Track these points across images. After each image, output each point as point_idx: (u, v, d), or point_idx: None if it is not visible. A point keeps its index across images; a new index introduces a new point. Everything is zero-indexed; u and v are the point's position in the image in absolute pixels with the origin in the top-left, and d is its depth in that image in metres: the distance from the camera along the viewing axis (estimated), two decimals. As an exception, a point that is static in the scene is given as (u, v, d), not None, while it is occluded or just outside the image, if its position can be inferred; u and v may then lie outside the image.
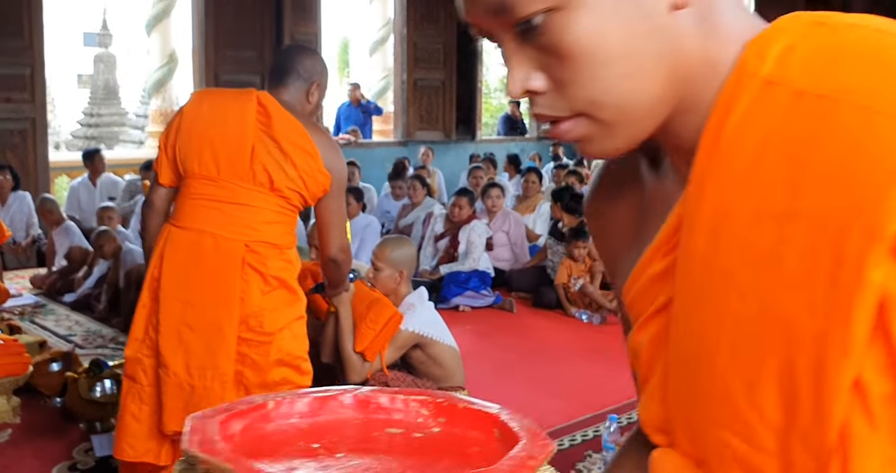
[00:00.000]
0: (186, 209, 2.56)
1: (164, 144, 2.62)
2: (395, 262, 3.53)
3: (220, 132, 2.54)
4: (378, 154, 10.70)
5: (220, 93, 2.80)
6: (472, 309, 6.05)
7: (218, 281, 2.48)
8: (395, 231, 7.53)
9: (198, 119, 2.58)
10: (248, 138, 2.51)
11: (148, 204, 2.70)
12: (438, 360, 3.52)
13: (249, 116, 2.54)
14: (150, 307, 2.56)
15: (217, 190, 2.53)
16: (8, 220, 7.16)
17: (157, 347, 2.50)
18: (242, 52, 9.40)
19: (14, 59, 7.73)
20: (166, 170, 2.62)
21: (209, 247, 2.49)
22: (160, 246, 2.56)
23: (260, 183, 2.52)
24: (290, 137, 2.55)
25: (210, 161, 2.53)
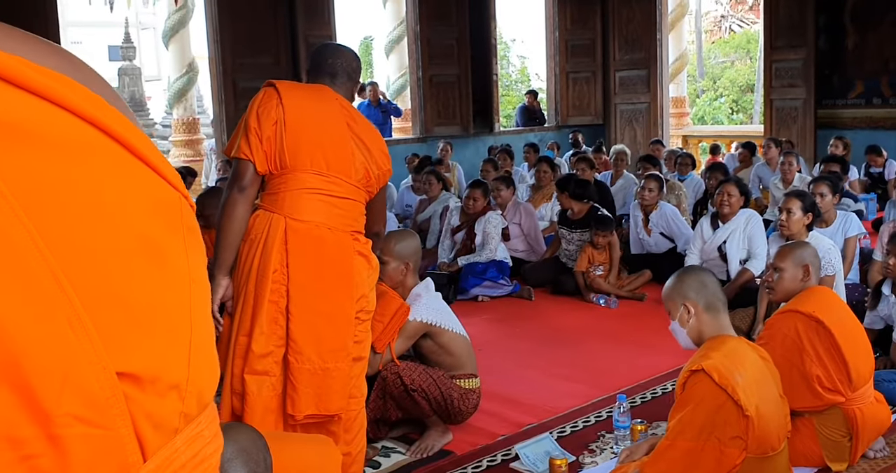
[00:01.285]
0: (303, 203, 2.67)
1: (261, 135, 2.64)
2: (399, 254, 3.59)
3: (328, 131, 2.71)
4: (397, 150, 10.75)
5: (306, 91, 2.82)
6: (491, 298, 6.10)
7: (338, 269, 2.68)
8: (414, 226, 7.60)
9: (303, 115, 2.69)
10: (348, 139, 2.73)
11: (240, 189, 2.65)
12: (448, 348, 3.58)
13: (341, 116, 2.75)
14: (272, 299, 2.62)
15: (328, 184, 2.70)
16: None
17: (290, 336, 2.63)
18: (259, 58, 9.51)
19: (36, 78, 7.92)
20: (263, 160, 2.66)
21: (328, 239, 2.68)
22: (279, 239, 2.63)
23: (357, 179, 2.75)
24: (371, 138, 2.81)
25: (321, 157, 2.69)
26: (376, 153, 2.81)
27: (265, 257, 2.64)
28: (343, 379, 2.69)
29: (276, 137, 2.66)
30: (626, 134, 12.32)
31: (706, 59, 26.75)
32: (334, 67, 2.86)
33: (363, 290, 2.75)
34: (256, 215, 2.71)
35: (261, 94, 2.73)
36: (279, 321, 2.65)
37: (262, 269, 2.64)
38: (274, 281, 2.63)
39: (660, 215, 6.44)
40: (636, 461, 2.94)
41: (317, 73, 2.86)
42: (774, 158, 8.67)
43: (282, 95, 2.69)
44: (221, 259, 2.69)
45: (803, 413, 3.02)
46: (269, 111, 2.67)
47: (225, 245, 2.68)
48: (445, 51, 11.26)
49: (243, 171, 2.68)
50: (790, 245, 3.50)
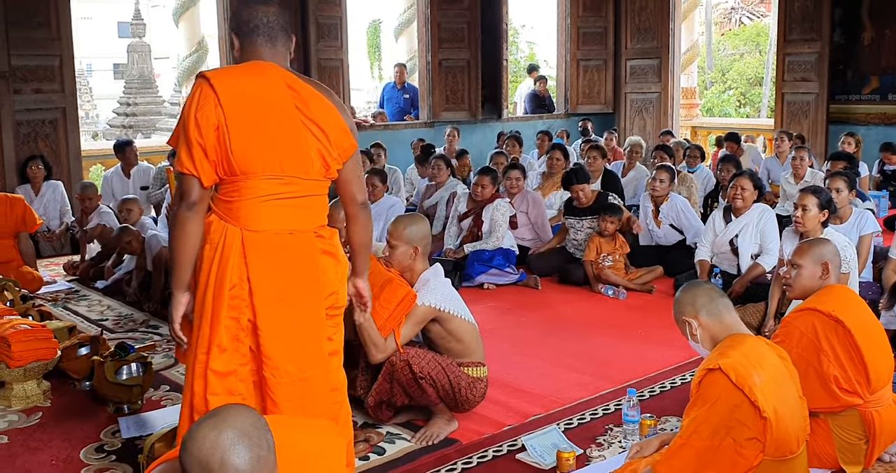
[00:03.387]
0: (257, 211, 2.50)
1: (204, 145, 2.43)
2: (409, 239, 3.53)
3: (277, 127, 2.48)
4: (404, 135, 10.70)
5: (245, 77, 2.53)
6: (497, 286, 6.05)
7: (304, 274, 2.54)
8: (420, 211, 7.53)
9: (247, 114, 2.45)
10: (300, 130, 2.52)
11: (189, 207, 2.47)
12: (456, 335, 3.53)
13: (291, 105, 2.51)
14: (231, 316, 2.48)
15: (284, 187, 2.51)
16: (41, 209, 7.32)
17: (262, 352, 2.49)
18: (268, 37, 9.41)
19: (43, 51, 7.85)
20: (209, 171, 2.46)
21: (290, 245, 2.52)
22: (236, 252, 2.47)
23: (318, 171, 2.57)
24: (325, 118, 2.56)
25: (274, 160, 2.48)
26: (334, 134, 2.56)
27: (221, 272, 2.48)
28: (323, 383, 2.60)
29: (220, 144, 2.44)
30: (635, 123, 12.24)
31: (715, 51, 26.62)
32: (270, 26, 2.58)
33: (333, 288, 2.62)
34: (210, 221, 2.53)
35: (195, 93, 2.47)
36: (241, 337, 2.51)
37: (218, 284, 2.49)
38: (232, 296, 2.48)
39: (670, 207, 6.38)
40: (646, 457, 2.89)
41: (251, 34, 2.58)
42: (785, 152, 8.59)
43: (219, 93, 2.44)
44: (177, 276, 2.54)
45: (818, 414, 2.96)
46: (209, 116, 2.43)
47: (180, 263, 2.52)
48: (455, 35, 11.15)
49: (189, 188, 2.48)
50: (810, 241, 3.43)
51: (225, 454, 1.68)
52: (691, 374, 4.10)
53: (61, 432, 3.60)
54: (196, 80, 2.52)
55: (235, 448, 1.69)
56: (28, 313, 4.55)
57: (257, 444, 1.71)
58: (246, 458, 1.69)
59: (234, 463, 1.68)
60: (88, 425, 3.67)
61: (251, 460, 1.69)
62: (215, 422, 1.73)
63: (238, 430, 1.71)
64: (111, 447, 3.45)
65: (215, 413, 1.77)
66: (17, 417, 3.77)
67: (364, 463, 3.25)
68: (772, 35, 20.29)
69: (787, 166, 7.94)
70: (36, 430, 3.64)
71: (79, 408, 3.87)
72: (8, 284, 4.93)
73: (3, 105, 7.64)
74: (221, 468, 1.67)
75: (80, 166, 8.34)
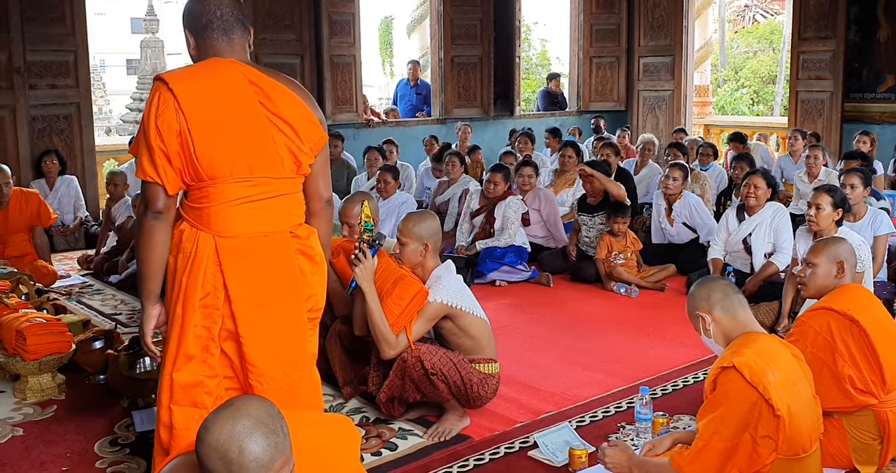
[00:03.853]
0: (229, 216, 2.41)
1: (167, 152, 2.34)
2: (419, 235, 3.53)
3: (242, 128, 2.39)
4: (416, 132, 10.70)
5: (204, 77, 2.43)
6: (509, 283, 6.04)
7: (281, 276, 2.47)
8: (432, 207, 7.54)
9: (209, 117, 2.36)
10: (266, 128, 2.43)
11: (154, 216, 2.39)
12: (468, 331, 3.53)
13: (254, 102, 2.42)
14: (203, 325, 2.42)
15: (254, 189, 2.43)
16: (56, 203, 7.37)
17: (247, 360, 2.43)
18: (282, 34, 9.44)
19: (57, 46, 7.89)
20: (173, 179, 2.38)
21: (264, 248, 2.45)
22: (209, 259, 2.40)
23: (289, 168, 2.49)
24: (292, 112, 2.46)
25: (242, 162, 2.39)
26: (302, 128, 2.47)
27: (192, 280, 2.40)
28: (309, 385, 2.56)
29: (184, 151, 2.35)
30: (648, 121, 12.19)
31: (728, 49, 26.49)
32: (225, 18, 2.47)
33: (311, 289, 2.55)
34: (182, 229, 2.45)
35: (154, 98, 2.36)
36: (210, 348, 2.43)
37: (189, 293, 2.40)
38: (205, 305, 2.40)
39: (683, 205, 6.36)
40: (659, 455, 2.89)
41: (205, 30, 2.47)
42: (799, 151, 8.54)
43: (178, 97, 2.34)
44: (147, 289, 2.47)
45: (833, 414, 2.95)
46: (170, 122, 2.33)
47: (149, 275, 2.44)
48: (468, 31, 11.15)
49: (154, 196, 2.39)
50: (825, 240, 3.42)
51: (243, 442, 1.70)
52: (704, 373, 4.09)
53: (76, 425, 3.63)
54: (154, 84, 2.40)
55: (253, 436, 1.71)
56: (43, 307, 4.58)
57: (273, 431, 1.74)
58: (263, 445, 1.71)
59: (253, 451, 1.70)
60: (103, 418, 3.69)
61: (269, 447, 1.72)
62: (230, 413, 1.75)
63: (254, 419, 1.73)
64: (125, 440, 3.47)
65: (230, 404, 1.79)
66: (32, 410, 3.80)
67: (376, 459, 3.26)
68: (786, 32, 20.18)
69: (801, 165, 7.89)
70: (51, 423, 3.67)
71: (93, 402, 3.89)
72: (23, 278, 4.96)
73: (19, 100, 7.69)
74: (240, 456, 1.69)
75: (94, 161, 8.39)
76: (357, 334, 3.67)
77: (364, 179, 7.87)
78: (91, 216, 7.97)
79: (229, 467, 1.69)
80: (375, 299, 3.34)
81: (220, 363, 2.46)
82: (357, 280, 3.33)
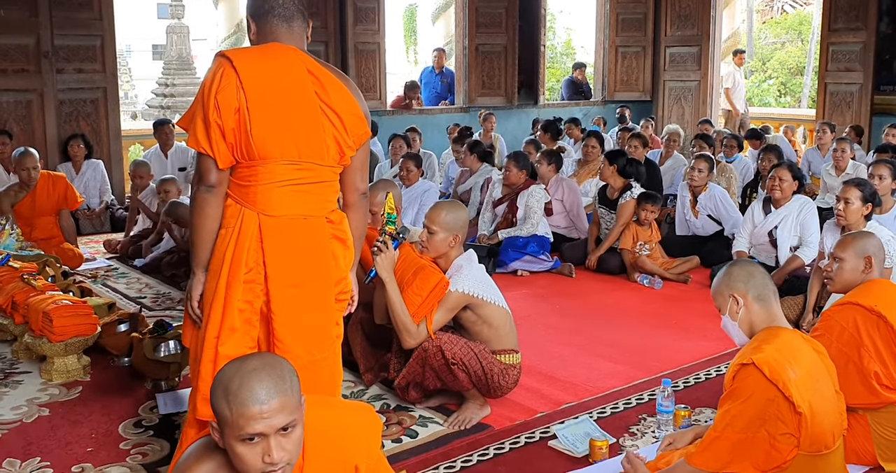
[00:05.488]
0: (275, 196, 2.49)
1: (223, 127, 2.41)
2: (449, 226, 3.52)
3: (297, 113, 2.47)
4: (440, 120, 10.68)
5: (267, 60, 2.49)
6: (531, 273, 6.03)
7: (317, 258, 2.55)
8: (454, 197, 7.53)
9: (268, 99, 2.43)
10: (319, 116, 2.50)
11: (208, 189, 2.47)
12: (489, 321, 3.51)
13: (310, 90, 2.50)
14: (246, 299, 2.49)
15: (300, 172, 2.50)
16: (82, 187, 7.44)
17: (276, 336, 2.50)
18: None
19: (85, 31, 7.94)
20: (225, 154, 2.45)
21: (304, 230, 2.52)
22: (253, 237, 2.47)
23: (332, 157, 2.56)
24: (343, 105, 2.55)
25: (292, 145, 2.47)
26: (349, 120, 2.55)
27: (237, 256, 2.48)
28: (330, 367, 2.62)
29: (239, 128, 2.42)
30: (673, 111, 12.10)
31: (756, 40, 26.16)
32: (286, 5, 2.54)
33: (342, 273, 2.64)
34: (228, 204, 2.52)
35: (217, 73, 2.42)
36: (253, 321, 2.52)
37: (234, 268, 2.48)
38: (248, 280, 2.48)
39: (708, 197, 6.31)
40: (679, 449, 2.88)
41: (266, 15, 2.54)
42: (827, 144, 8.43)
43: (241, 76, 2.40)
44: (198, 256, 2.55)
45: (858, 410, 2.92)
46: (230, 98, 2.40)
47: (200, 243, 2.53)
48: (493, 19, 11.10)
49: (207, 169, 2.47)
50: (853, 234, 3.37)
51: (244, 377, 1.80)
52: (726, 366, 4.06)
53: (101, 406, 3.67)
54: (216, 60, 2.46)
55: (256, 374, 1.80)
56: (69, 289, 4.63)
57: (280, 378, 1.81)
58: (264, 384, 1.79)
59: (252, 386, 1.78)
60: (127, 400, 3.73)
61: (268, 387, 1.79)
62: (246, 356, 1.91)
63: (263, 363, 1.84)
64: (149, 422, 3.50)
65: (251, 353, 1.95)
66: (58, 391, 3.85)
67: (397, 446, 3.27)
68: (815, 23, 19.90)
69: (829, 158, 7.80)
70: (76, 404, 3.71)
71: (118, 384, 3.93)
72: (50, 260, 5.02)
73: (46, 84, 7.76)
74: (238, 388, 1.78)
75: (119, 146, 8.45)
76: (377, 322, 3.68)
77: (388, 167, 7.88)
78: (117, 200, 8.04)
79: (227, 397, 1.78)
80: (396, 289, 3.35)
81: (258, 336, 2.56)
82: (377, 269, 3.33)
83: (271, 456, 1.78)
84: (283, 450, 1.80)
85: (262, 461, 1.78)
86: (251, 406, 1.76)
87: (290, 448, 1.82)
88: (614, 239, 6.05)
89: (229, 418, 1.78)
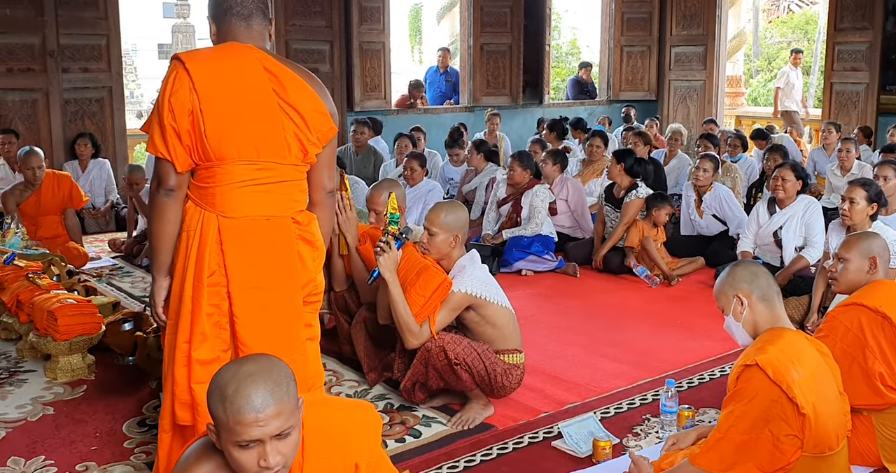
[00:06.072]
0: (234, 197, 2.46)
1: (178, 130, 2.39)
2: (449, 227, 3.52)
3: (253, 112, 2.43)
4: (444, 119, 10.68)
5: (221, 60, 2.47)
6: (535, 273, 6.03)
7: (281, 260, 2.51)
8: (459, 196, 7.53)
9: (222, 99, 2.41)
10: (277, 114, 2.46)
11: (167, 193, 2.46)
12: (492, 321, 3.51)
13: (267, 88, 2.46)
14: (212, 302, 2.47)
15: (260, 172, 2.47)
16: (87, 186, 7.46)
17: (238, 339, 2.48)
18: (312, 20, 9.46)
19: (90, 30, 7.97)
20: (183, 157, 2.43)
21: (266, 231, 2.49)
22: (213, 239, 2.45)
23: (294, 156, 2.52)
24: (304, 102, 2.50)
25: (249, 145, 2.44)
26: (311, 117, 2.51)
27: (199, 260, 2.45)
28: (300, 370, 2.53)
29: (195, 130, 2.39)
30: (679, 111, 12.07)
31: (762, 39, 26.11)
32: (244, 4, 2.51)
33: (310, 275, 2.60)
34: (188, 207, 2.50)
35: (170, 77, 2.42)
36: (222, 324, 2.49)
37: (197, 272, 2.46)
38: (211, 284, 2.46)
39: (713, 197, 6.29)
40: (683, 450, 2.87)
41: (224, 15, 2.51)
42: (833, 143, 8.41)
43: (193, 78, 2.38)
44: (159, 261, 2.55)
45: (862, 411, 2.91)
46: (183, 100, 2.38)
47: (161, 248, 2.52)
48: (498, 19, 11.09)
49: (165, 174, 2.45)
50: (858, 235, 3.36)
51: (241, 383, 1.79)
52: (731, 366, 4.03)
53: (105, 405, 3.68)
54: (171, 63, 2.44)
55: (252, 380, 1.79)
56: (74, 288, 4.65)
57: (277, 384, 1.81)
58: (260, 390, 1.79)
59: (248, 393, 1.78)
60: (131, 399, 3.74)
61: (264, 393, 1.79)
62: (243, 359, 1.90)
63: (260, 367, 1.83)
64: (153, 421, 3.50)
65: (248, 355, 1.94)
66: (62, 389, 3.86)
67: (400, 445, 3.27)
68: (821, 23, 19.85)
69: (834, 158, 7.78)
70: (80, 403, 3.72)
71: (122, 383, 3.94)
72: (55, 259, 5.03)
73: (52, 83, 7.78)
74: (234, 394, 1.78)
75: (125, 145, 8.48)
76: (381, 322, 3.68)
77: (392, 166, 7.87)
78: (121, 199, 8.06)
79: (224, 402, 1.78)
80: (398, 289, 3.35)
81: (228, 339, 2.52)
82: (380, 269, 3.33)
83: (267, 461, 1.79)
84: (279, 454, 1.81)
85: (258, 465, 1.79)
86: (247, 413, 1.76)
87: (286, 452, 1.83)
88: (618, 237, 6.05)
89: (226, 423, 1.78)
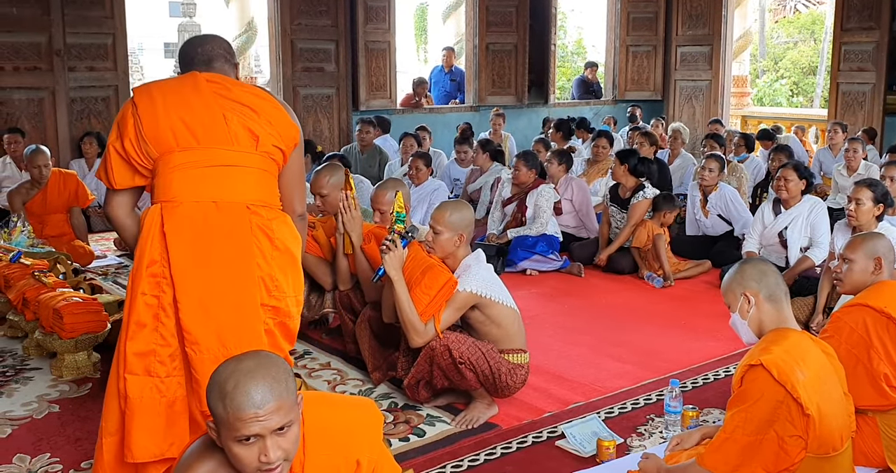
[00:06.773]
0: (176, 181, 2.47)
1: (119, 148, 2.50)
2: (454, 226, 3.52)
3: (186, 108, 2.49)
4: (449, 119, 10.69)
5: (165, 82, 2.64)
6: (540, 273, 6.03)
7: (232, 246, 2.46)
8: (464, 196, 7.53)
9: (156, 105, 2.49)
10: (214, 107, 2.50)
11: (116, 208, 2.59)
12: (496, 320, 3.51)
13: (205, 89, 2.51)
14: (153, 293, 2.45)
15: (203, 155, 2.48)
16: (94, 185, 7.45)
17: (182, 327, 2.42)
18: (317, 19, 9.48)
19: (96, 29, 7.99)
20: (122, 171, 2.53)
21: (214, 215, 2.46)
22: (155, 228, 2.46)
23: (244, 145, 2.52)
24: (252, 99, 2.55)
25: (186, 133, 2.48)
26: (265, 111, 2.55)
27: (140, 248, 2.47)
28: None
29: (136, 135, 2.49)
30: (684, 111, 12.06)
31: (768, 39, 26.06)
32: (207, 54, 2.65)
33: (268, 270, 2.50)
34: (145, 212, 2.53)
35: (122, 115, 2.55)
36: (161, 317, 2.43)
37: (138, 261, 2.47)
38: (151, 274, 2.43)
39: (719, 196, 6.29)
40: (687, 450, 2.87)
41: (189, 65, 2.65)
42: (839, 144, 8.39)
43: (137, 103, 2.51)
44: None
45: (867, 412, 2.91)
46: (128, 129, 2.50)
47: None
48: (504, 18, 11.10)
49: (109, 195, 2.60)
50: (863, 235, 3.35)
51: (240, 379, 1.80)
52: (735, 366, 4.04)
53: (110, 403, 3.68)
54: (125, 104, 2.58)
55: (251, 376, 1.81)
56: (79, 286, 4.66)
57: (275, 380, 1.82)
58: (259, 386, 1.80)
59: (248, 390, 1.79)
60: (136, 397, 3.74)
61: (262, 389, 1.80)
62: (243, 355, 1.90)
63: (259, 364, 1.84)
64: (158, 419, 3.52)
65: (249, 352, 1.94)
66: (68, 387, 3.87)
67: (404, 444, 3.27)
68: (828, 23, 19.81)
69: (840, 158, 7.76)
70: (86, 400, 3.73)
71: (127, 381, 3.94)
72: (61, 257, 5.05)
73: (58, 82, 7.81)
74: (234, 390, 1.79)
75: (131, 144, 8.49)
76: (386, 321, 3.69)
77: (398, 165, 7.88)
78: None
79: (223, 399, 1.79)
80: (404, 287, 3.35)
81: (172, 332, 2.46)
82: (385, 267, 3.34)
83: (267, 456, 1.80)
84: (279, 449, 1.82)
85: (259, 460, 1.80)
86: (247, 409, 1.77)
87: (287, 447, 1.84)
88: (625, 238, 6.04)
89: (225, 419, 1.79)
